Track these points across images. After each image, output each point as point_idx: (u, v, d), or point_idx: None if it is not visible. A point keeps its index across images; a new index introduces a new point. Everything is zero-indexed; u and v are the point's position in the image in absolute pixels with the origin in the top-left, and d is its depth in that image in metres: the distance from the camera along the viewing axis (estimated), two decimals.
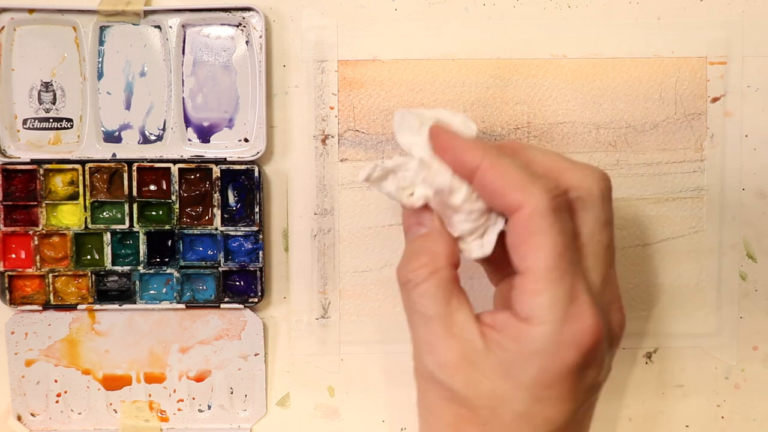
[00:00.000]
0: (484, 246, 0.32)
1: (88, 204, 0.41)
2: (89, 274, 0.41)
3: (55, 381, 0.42)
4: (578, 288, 0.29)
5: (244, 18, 0.40)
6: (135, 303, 0.41)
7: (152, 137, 0.41)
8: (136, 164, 0.40)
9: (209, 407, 0.42)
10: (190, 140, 0.41)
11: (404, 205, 0.33)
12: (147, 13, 0.40)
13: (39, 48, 0.40)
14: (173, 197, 0.41)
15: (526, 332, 0.29)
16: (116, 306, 0.41)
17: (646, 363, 0.43)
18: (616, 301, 0.32)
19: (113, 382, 0.42)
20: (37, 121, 0.41)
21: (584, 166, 0.32)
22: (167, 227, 0.41)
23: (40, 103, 0.41)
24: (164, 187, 0.41)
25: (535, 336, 0.29)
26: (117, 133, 0.41)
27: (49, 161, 0.40)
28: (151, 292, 0.41)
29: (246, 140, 0.41)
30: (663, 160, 0.42)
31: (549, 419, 0.30)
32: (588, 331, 0.29)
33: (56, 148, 0.41)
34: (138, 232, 0.41)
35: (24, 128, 0.41)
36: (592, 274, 0.30)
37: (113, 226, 0.41)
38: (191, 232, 0.41)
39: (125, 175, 0.40)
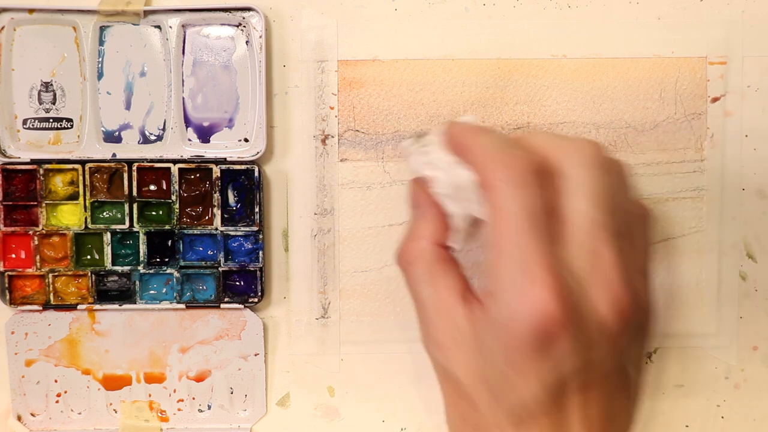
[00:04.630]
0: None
1: (88, 204, 0.41)
2: (89, 274, 0.41)
3: (55, 381, 0.42)
4: (536, 264, 0.28)
5: (244, 18, 0.40)
6: (135, 303, 0.41)
7: (152, 137, 0.41)
8: (136, 164, 0.41)
9: (209, 407, 0.42)
10: (190, 140, 0.41)
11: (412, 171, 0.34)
12: (147, 13, 0.40)
13: (39, 48, 0.40)
14: (173, 197, 0.41)
15: (492, 309, 0.29)
16: (116, 306, 0.41)
17: (646, 363, 0.43)
18: (605, 281, 0.29)
19: (113, 382, 0.42)
20: (37, 121, 0.41)
21: (571, 140, 0.31)
22: (167, 227, 0.41)
23: (40, 103, 0.41)
24: (164, 187, 0.41)
25: (497, 313, 0.29)
26: (117, 133, 0.41)
27: (49, 161, 0.40)
28: (151, 292, 0.41)
29: (246, 140, 0.41)
30: (663, 160, 0.42)
31: (521, 400, 0.29)
32: (536, 308, 0.28)
33: (56, 148, 0.41)
34: (138, 232, 0.41)
35: (24, 128, 0.41)
36: (572, 249, 0.29)
37: (113, 226, 0.41)
38: (191, 232, 0.41)
39: (125, 175, 0.40)
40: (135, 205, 0.41)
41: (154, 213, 0.41)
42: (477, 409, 0.31)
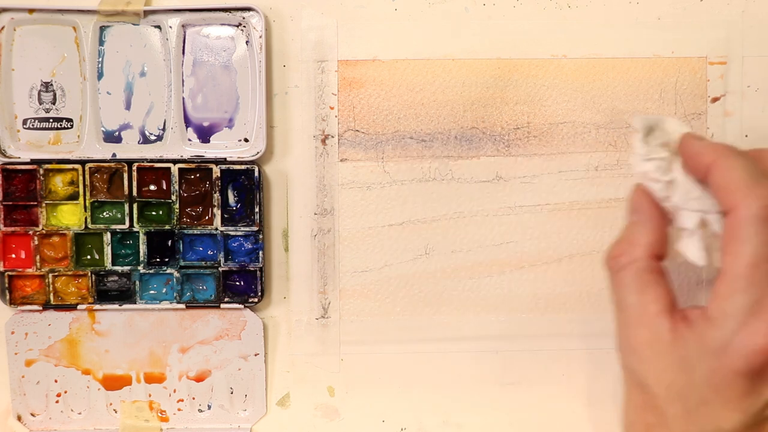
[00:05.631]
0: (699, 255, 0.32)
1: (88, 204, 0.41)
2: (89, 274, 0.41)
3: (55, 381, 0.42)
4: (766, 303, 0.29)
5: (244, 18, 0.40)
6: (135, 303, 0.41)
7: (152, 137, 0.41)
8: (136, 164, 0.40)
9: (209, 407, 0.42)
10: (190, 140, 0.41)
11: (644, 175, 0.34)
12: (147, 13, 0.40)
13: (39, 48, 0.40)
14: (173, 197, 0.41)
15: (706, 332, 0.30)
16: (116, 306, 0.41)
17: None
18: None
19: (113, 382, 0.42)
20: (37, 121, 0.41)
21: None
22: (167, 227, 0.41)
23: (40, 103, 0.41)
24: (164, 187, 0.41)
25: (711, 337, 0.30)
26: (117, 133, 0.41)
27: (49, 161, 0.40)
28: (151, 292, 0.41)
29: (246, 140, 0.41)
30: None
31: (715, 422, 0.30)
32: (759, 345, 0.29)
33: (56, 148, 0.41)
34: (138, 232, 0.41)
35: (24, 128, 0.41)
36: None
37: (113, 226, 0.41)
38: (191, 232, 0.41)
39: (125, 175, 0.40)
40: (135, 205, 0.41)
41: (154, 213, 0.41)
42: (664, 422, 0.31)
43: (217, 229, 0.41)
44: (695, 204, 0.32)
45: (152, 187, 0.41)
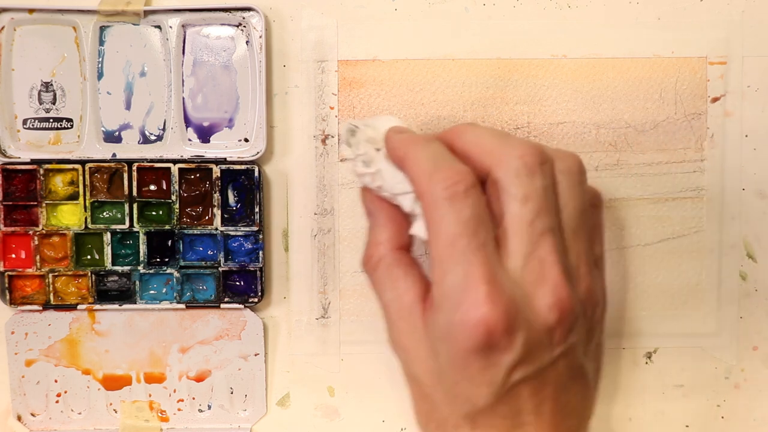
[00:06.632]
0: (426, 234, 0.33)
1: (88, 204, 0.41)
2: (89, 274, 0.41)
3: (55, 381, 0.42)
4: (473, 275, 0.29)
5: (244, 18, 0.40)
6: (135, 303, 0.41)
7: (152, 137, 0.41)
8: (136, 164, 0.41)
9: (209, 407, 0.42)
10: (190, 140, 0.41)
11: (356, 173, 0.35)
12: (147, 13, 0.40)
13: (39, 48, 0.40)
14: (173, 197, 0.41)
15: (436, 317, 0.30)
16: (116, 306, 0.41)
17: (646, 363, 0.43)
18: (545, 283, 0.30)
19: (113, 382, 0.42)
20: (37, 121, 0.41)
21: (502, 143, 0.31)
22: (167, 227, 0.41)
23: (40, 103, 0.41)
24: (164, 187, 0.41)
25: (439, 322, 0.30)
26: (117, 133, 0.41)
27: (49, 161, 0.40)
28: (151, 292, 0.42)
29: (246, 140, 0.41)
30: (663, 160, 0.42)
31: (470, 400, 0.30)
32: (476, 320, 0.29)
33: (56, 148, 0.41)
34: (138, 232, 0.41)
35: (24, 128, 0.41)
36: (512, 255, 0.30)
37: (113, 226, 0.41)
38: (191, 232, 0.41)
39: (125, 175, 0.40)
40: (135, 205, 0.41)
41: (154, 213, 0.41)
42: (436, 407, 0.32)
43: (217, 229, 0.41)
44: (401, 186, 0.33)
45: (152, 187, 0.41)
